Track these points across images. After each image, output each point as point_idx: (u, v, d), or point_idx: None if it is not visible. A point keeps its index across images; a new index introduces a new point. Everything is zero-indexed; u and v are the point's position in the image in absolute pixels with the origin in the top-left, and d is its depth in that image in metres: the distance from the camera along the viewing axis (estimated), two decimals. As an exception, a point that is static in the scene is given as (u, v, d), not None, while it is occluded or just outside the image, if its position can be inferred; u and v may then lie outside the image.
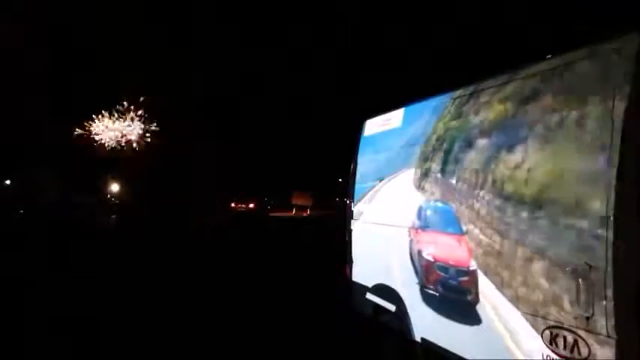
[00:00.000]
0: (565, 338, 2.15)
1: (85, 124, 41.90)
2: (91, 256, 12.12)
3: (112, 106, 43.51)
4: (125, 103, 43.29)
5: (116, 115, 43.48)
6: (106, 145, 43.37)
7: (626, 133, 1.99)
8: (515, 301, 2.46)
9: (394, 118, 4.11)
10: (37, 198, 35.09)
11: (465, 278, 2.89)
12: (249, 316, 5.99)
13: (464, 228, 2.91)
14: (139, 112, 44.08)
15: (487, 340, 2.65)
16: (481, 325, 2.71)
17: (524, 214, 2.45)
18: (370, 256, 4.35)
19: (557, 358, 2.18)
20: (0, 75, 33.40)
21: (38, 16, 37.28)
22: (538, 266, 2.33)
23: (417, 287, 3.39)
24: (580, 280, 2.08)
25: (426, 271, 3.28)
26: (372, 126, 4.56)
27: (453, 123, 3.24)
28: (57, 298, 6.98)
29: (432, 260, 3.21)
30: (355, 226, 4.68)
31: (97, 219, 28.41)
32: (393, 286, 3.78)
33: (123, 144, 44.45)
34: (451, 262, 3.03)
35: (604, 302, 1.98)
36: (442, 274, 3.10)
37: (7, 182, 40.38)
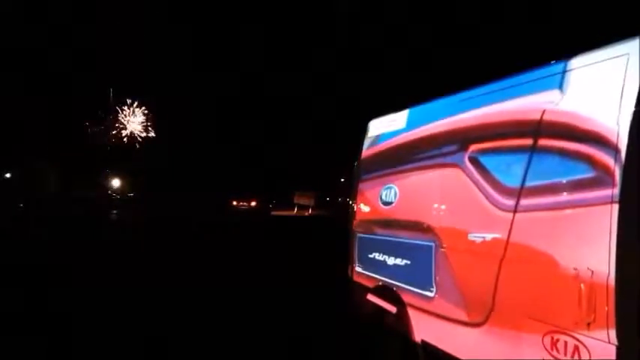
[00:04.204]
0: (566, 343, 2.15)
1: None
2: (89, 253, 12.14)
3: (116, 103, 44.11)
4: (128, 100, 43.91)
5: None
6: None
7: (633, 136, 1.98)
8: (518, 304, 2.46)
9: (399, 119, 4.11)
10: (37, 192, 35.11)
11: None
12: (248, 315, 5.99)
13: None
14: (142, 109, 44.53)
15: (487, 343, 2.65)
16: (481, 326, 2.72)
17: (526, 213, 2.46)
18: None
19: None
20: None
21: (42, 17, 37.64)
22: (540, 270, 2.34)
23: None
24: (581, 285, 2.08)
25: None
26: (377, 127, 4.55)
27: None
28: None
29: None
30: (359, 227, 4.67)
31: (97, 214, 28.43)
32: (394, 287, 3.78)
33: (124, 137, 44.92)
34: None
35: (605, 308, 1.98)
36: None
37: (7, 175, 40.38)
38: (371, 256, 4.28)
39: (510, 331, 2.49)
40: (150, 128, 47.64)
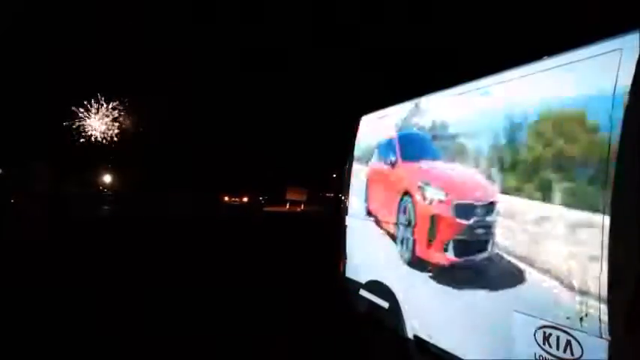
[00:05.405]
0: (558, 338, 2.15)
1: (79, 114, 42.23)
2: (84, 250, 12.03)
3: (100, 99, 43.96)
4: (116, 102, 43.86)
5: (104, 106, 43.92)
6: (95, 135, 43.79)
7: (625, 132, 1.97)
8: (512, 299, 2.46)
9: (390, 115, 4.09)
10: (29, 189, 34.70)
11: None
12: (242, 312, 5.95)
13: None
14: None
15: (480, 337, 2.65)
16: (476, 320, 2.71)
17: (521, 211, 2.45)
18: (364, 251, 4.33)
19: (551, 358, 2.18)
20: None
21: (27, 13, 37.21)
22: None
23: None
24: (574, 280, 2.08)
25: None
26: (368, 122, 4.53)
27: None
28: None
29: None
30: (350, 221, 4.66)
31: (89, 210, 28.17)
32: (385, 282, 3.77)
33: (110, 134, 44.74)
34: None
35: (598, 303, 1.98)
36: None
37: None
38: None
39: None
40: (140, 128, 47.33)
